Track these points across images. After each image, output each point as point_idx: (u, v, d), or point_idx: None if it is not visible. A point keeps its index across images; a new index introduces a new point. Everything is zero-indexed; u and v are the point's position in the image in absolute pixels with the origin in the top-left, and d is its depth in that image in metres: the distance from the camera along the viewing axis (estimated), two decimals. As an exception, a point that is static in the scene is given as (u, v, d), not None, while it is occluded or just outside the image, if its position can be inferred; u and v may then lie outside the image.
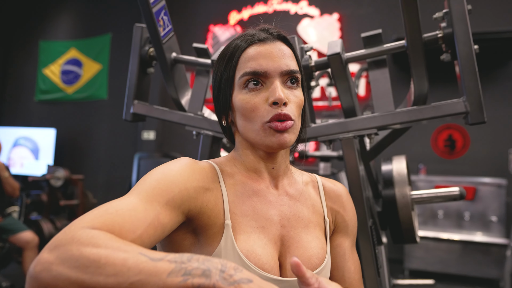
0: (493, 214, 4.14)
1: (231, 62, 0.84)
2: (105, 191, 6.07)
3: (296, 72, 0.83)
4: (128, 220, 0.63)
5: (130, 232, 0.62)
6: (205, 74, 1.46)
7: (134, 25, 1.49)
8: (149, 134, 5.75)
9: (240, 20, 5.66)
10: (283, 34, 0.86)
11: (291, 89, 0.83)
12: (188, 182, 0.75)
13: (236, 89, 0.83)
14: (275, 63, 0.81)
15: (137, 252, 0.54)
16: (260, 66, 0.80)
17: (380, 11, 5.04)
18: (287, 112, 0.79)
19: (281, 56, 0.82)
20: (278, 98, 0.78)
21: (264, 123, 0.80)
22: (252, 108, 0.80)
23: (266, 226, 0.82)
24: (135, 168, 5.16)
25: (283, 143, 0.79)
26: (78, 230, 0.57)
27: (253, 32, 0.85)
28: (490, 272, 4.02)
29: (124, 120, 1.51)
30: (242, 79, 0.81)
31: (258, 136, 0.81)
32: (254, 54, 0.82)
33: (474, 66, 1.09)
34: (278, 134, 0.79)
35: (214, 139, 1.39)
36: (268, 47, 0.82)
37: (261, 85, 0.81)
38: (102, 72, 6.43)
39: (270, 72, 0.80)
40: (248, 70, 0.81)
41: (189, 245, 0.79)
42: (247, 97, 0.81)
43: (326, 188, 0.95)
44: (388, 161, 1.50)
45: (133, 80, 1.49)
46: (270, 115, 0.79)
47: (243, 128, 0.83)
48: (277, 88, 0.79)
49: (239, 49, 0.83)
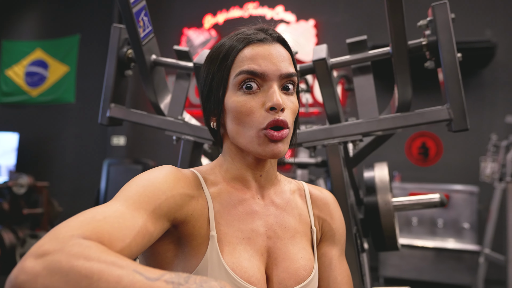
0: (466, 221, 4.27)
1: (225, 61, 0.80)
2: (72, 199, 5.90)
3: (294, 75, 0.80)
4: (117, 228, 0.61)
5: (120, 240, 0.60)
6: (185, 78, 1.45)
7: (112, 26, 1.46)
8: (119, 140, 5.64)
9: (215, 24, 5.66)
10: (281, 36, 0.84)
11: (288, 95, 0.80)
12: (174, 189, 0.74)
13: (230, 90, 0.80)
14: (274, 66, 0.78)
15: (132, 269, 0.51)
16: (258, 67, 0.77)
17: (357, 18, 5.15)
18: (285, 119, 0.77)
19: (280, 59, 0.79)
20: (276, 104, 0.75)
21: (259, 130, 0.77)
22: (247, 111, 0.77)
23: (252, 238, 0.80)
24: (104, 175, 5.04)
25: (277, 153, 0.77)
26: (67, 239, 0.54)
27: (250, 32, 0.82)
28: (463, 279, 4.14)
29: (100, 124, 1.47)
30: (238, 77, 0.78)
31: (251, 143, 0.78)
32: (252, 54, 0.78)
33: (457, 73, 1.13)
34: (272, 143, 0.77)
35: (195, 145, 1.37)
36: (267, 47, 0.79)
37: (257, 87, 0.78)
38: (69, 75, 6.27)
39: (268, 74, 0.77)
40: (246, 68, 0.77)
41: (173, 256, 0.77)
42: (242, 100, 0.78)
43: (313, 196, 0.93)
44: (370, 167, 1.52)
45: (110, 82, 1.45)
46: (266, 121, 0.76)
47: (234, 133, 0.81)
48: (275, 93, 0.77)
49: (236, 48, 0.80)
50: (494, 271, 4.07)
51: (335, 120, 1.29)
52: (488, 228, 3.68)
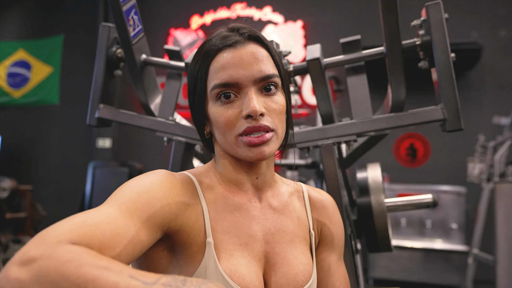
0: (453, 221, 4.32)
1: (201, 71, 0.79)
2: (56, 203, 5.80)
3: (272, 76, 0.77)
4: (109, 236, 0.59)
5: (110, 249, 0.58)
6: (176, 78, 1.43)
7: (100, 24, 1.44)
8: (104, 142, 5.58)
9: (202, 24, 5.64)
10: (255, 33, 0.80)
11: (270, 96, 0.78)
12: (169, 197, 0.72)
13: (209, 101, 0.79)
14: (247, 71, 0.75)
15: (127, 274, 0.49)
16: (230, 77, 0.75)
17: (344, 19, 5.18)
18: (265, 123, 0.75)
19: (253, 62, 0.76)
20: (252, 111, 0.73)
21: (236, 136, 0.76)
22: (225, 121, 0.76)
23: (249, 243, 0.79)
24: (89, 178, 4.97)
25: (260, 157, 0.76)
26: (55, 244, 0.51)
27: (223, 34, 0.79)
28: (451, 279, 4.19)
29: (88, 125, 1.45)
30: (213, 92, 0.77)
31: (234, 150, 0.78)
32: (223, 63, 0.76)
33: (451, 73, 1.14)
34: (255, 148, 0.75)
35: (187, 146, 1.36)
36: (238, 53, 0.76)
37: (234, 96, 0.76)
38: (53, 76, 6.18)
39: (241, 82, 0.75)
40: (218, 82, 0.76)
41: (167, 263, 0.75)
42: (220, 110, 0.77)
43: (312, 198, 0.92)
44: (363, 168, 1.52)
45: (99, 82, 1.43)
46: (243, 127, 0.75)
47: (220, 141, 0.80)
48: (251, 100, 0.74)
49: (207, 58, 0.78)
50: (483, 271, 4.13)
51: (329, 121, 1.29)
52: (476, 228, 3.72)
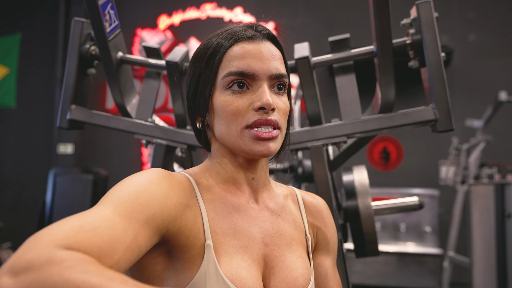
0: (427, 224, 4.42)
1: (213, 59, 0.78)
2: (13, 213, 5.55)
3: (285, 76, 0.80)
4: (108, 242, 0.56)
5: (108, 257, 0.55)
6: (155, 77, 1.39)
7: (73, 19, 1.37)
8: (66, 147, 5.39)
9: (170, 25, 5.56)
10: (272, 33, 0.82)
11: (279, 95, 0.79)
12: (168, 198, 0.70)
13: (217, 90, 0.78)
14: (265, 65, 0.77)
15: (133, 284, 0.48)
16: (248, 67, 0.76)
17: (317, 21, 5.25)
18: (275, 118, 0.76)
19: (271, 58, 0.78)
20: (266, 103, 0.74)
21: (243, 128, 0.75)
22: (233, 111, 0.76)
23: (249, 245, 0.78)
24: (50, 186, 4.78)
25: (266, 153, 0.76)
26: (54, 249, 0.48)
27: (239, 29, 0.80)
28: (426, 282, 4.27)
29: (59, 127, 1.38)
30: (226, 79, 0.76)
31: (236, 142, 0.77)
32: (241, 53, 0.77)
33: (442, 73, 1.15)
34: (263, 142, 0.75)
35: (168, 149, 1.31)
36: (257, 46, 0.78)
37: (246, 87, 0.77)
38: (9, 77, 5.91)
39: (258, 74, 0.76)
40: (234, 69, 0.76)
41: (161, 270, 0.72)
42: (229, 99, 0.76)
43: (306, 202, 0.92)
44: (348, 171, 1.52)
45: (71, 82, 1.36)
46: (253, 119, 0.75)
47: (221, 133, 0.79)
48: (265, 92, 0.75)
49: (223, 46, 0.78)
50: (458, 274, 4.24)
51: (317, 122, 1.28)
52: (451, 231, 3.82)
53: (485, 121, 3.53)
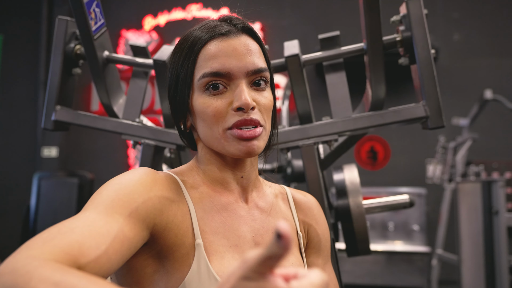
0: (415, 223, 4.45)
1: (189, 59, 0.76)
2: (-4, 219, 5.45)
3: (264, 70, 0.77)
4: (88, 236, 0.55)
5: (93, 248, 0.54)
6: (143, 76, 1.36)
7: (57, 18, 1.34)
8: (50, 151, 5.31)
9: (156, 25, 5.52)
10: (248, 25, 0.79)
11: (259, 91, 0.77)
12: (151, 191, 0.69)
13: (196, 91, 0.76)
14: (240, 62, 0.74)
15: None
16: (222, 66, 0.73)
17: (303, 22, 5.26)
18: (255, 117, 0.74)
19: (246, 53, 0.75)
20: (244, 104, 0.72)
21: (225, 130, 0.74)
22: (213, 112, 0.74)
23: (239, 245, 0.77)
24: (35, 191, 4.70)
25: (251, 151, 0.74)
26: (21, 261, 0.48)
27: (214, 23, 0.78)
28: (414, 281, 4.30)
29: (44, 129, 1.35)
30: (202, 81, 0.74)
31: (221, 144, 0.75)
32: (215, 52, 0.74)
33: (432, 70, 1.15)
34: (245, 142, 0.73)
35: (156, 150, 1.29)
36: (231, 42, 0.75)
37: (224, 87, 0.75)
38: (-10, 79, 5.81)
39: (234, 72, 0.74)
40: (209, 70, 0.74)
41: (152, 272, 0.71)
42: (207, 101, 0.74)
43: (296, 200, 0.92)
44: (339, 170, 1.52)
45: (55, 82, 1.33)
46: (233, 120, 0.73)
47: (205, 135, 0.77)
48: (242, 92, 0.73)
49: (198, 43, 0.76)
50: (446, 271, 4.27)
51: (307, 120, 1.27)
52: (439, 229, 3.85)
53: (471, 119, 3.57)
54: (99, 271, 0.54)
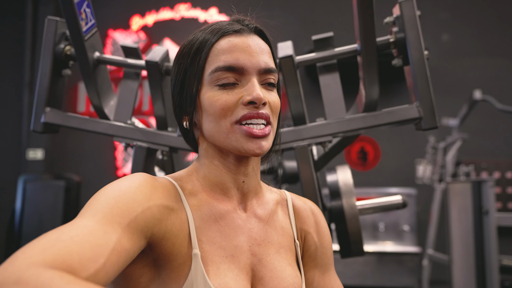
0: (405, 223, 4.49)
1: (199, 54, 0.76)
2: (-21, 223, 5.36)
3: (274, 71, 0.78)
4: (88, 247, 0.54)
5: (92, 261, 0.53)
6: (134, 77, 1.36)
7: (46, 18, 1.33)
8: (36, 153, 5.24)
9: (144, 25, 5.48)
10: (260, 27, 0.80)
11: (269, 91, 0.77)
12: (151, 200, 0.68)
13: (205, 86, 0.76)
14: (254, 58, 0.75)
15: None
16: (236, 61, 0.73)
17: (292, 22, 5.27)
18: (266, 112, 0.74)
19: (259, 52, 0.76)
20: (256, 97, 0.72)
21: (232, 123, 0.73)
22: (222, 106, 0.73)
23: (235, 255, 0.76)
24: (20, 194, 4.64)
25: (259, 152, 0.74)
26: (25, 268, 0.47)
27: (224, 23, 0.79)
28: (405, 281, 4.34)
29: (33, 131, 1.34)
30: (214, 74, 0.74)
31: (227, 139, 0.74)
32: (228, 47, 0.75)
33: (426, 71, 1.16)
34: (255, 140, 0.73)
35: (149, 152, 1.28)
36: (244, 39, 0.76)
37: (235, 82, 0.75)
38: (-27, 80, 5.72)
39: (247, 68, 0.74)
40: (222, 64, 0.73)
41: (147, 281, 0.70)
42: (217, 94, 0.74)
43: (295, 207, 0.91)
44: (332, 171, 1.52)
45: (45, 83, 1.32)
46: (242, 113, 0.73)
47: (210, 131, 0.76)
48: (255, 86, 0.73)
49: (210, 41, 0.76)
50: (437, 271, 4.32)
51: (301, 121, 1.28)
52: (430, 229, 3.89)
53: (460, 119, 3.61)
54: (97, 284, 0.53)
